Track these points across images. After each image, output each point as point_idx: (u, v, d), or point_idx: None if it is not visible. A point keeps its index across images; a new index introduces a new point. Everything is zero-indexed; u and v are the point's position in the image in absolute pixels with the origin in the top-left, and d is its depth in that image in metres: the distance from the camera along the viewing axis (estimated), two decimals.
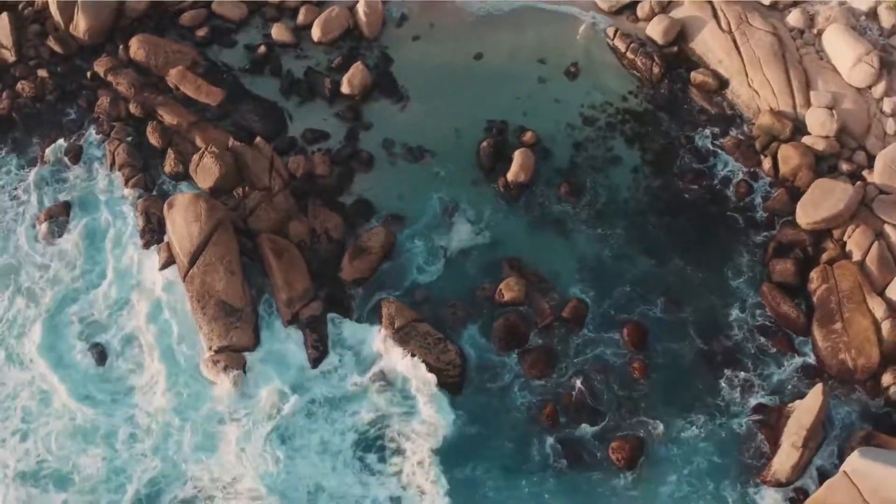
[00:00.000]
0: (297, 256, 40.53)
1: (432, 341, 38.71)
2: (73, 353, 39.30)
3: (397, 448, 37.13)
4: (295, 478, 36.55)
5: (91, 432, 37.71)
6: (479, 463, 36.85)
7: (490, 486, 36.54)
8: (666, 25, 46.13)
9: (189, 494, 36.43)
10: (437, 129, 44.36)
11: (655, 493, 36.35)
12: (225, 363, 38.08)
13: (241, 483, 36.36)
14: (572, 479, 36.69)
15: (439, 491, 36.11)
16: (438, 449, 37.01)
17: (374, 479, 36.60)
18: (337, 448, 37.12)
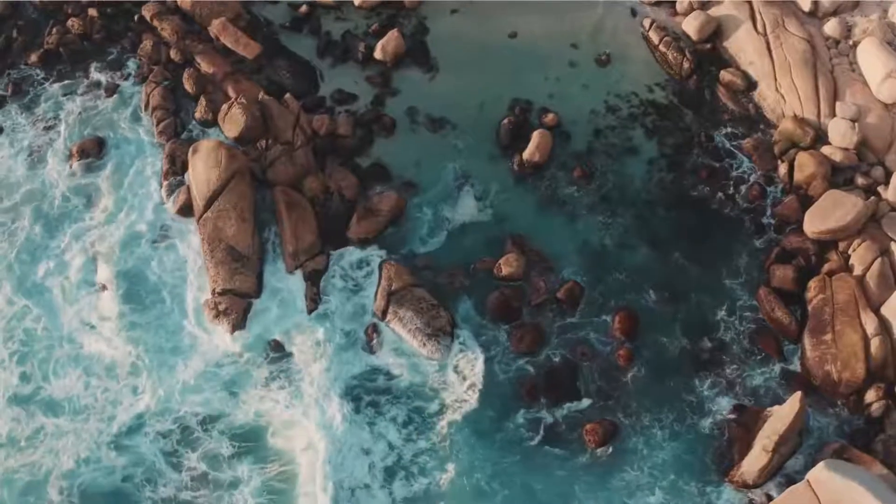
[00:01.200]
0: (309, 211, 41.56)
1: (426, 306, 39.44)
2: (83, 284, 40.72)
3: (377, 403, 37.96)
4: (278, 419, 37.83)
5: (92, 362, 39.16)
6: (454, 426, 37.43)
7: (461, 449, 36.96)
8: (702, 22, 45.86)
9: (167, 428, 37.62)
10: (461, 102, 44.82)
11: (619, 477, 36.59)
12: (226, 305, 39.37)
13: (222, 421, 37.60)
14: (542, 453, 37.17)
15: (409, 445, 37.20)
16: (417, 408, 37.90)
17: (352, 426, 37.48)
18: (325, 394, 38.03)
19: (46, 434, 37.76)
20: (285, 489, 36.51)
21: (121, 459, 37.28)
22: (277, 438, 37.48)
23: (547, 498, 36.25)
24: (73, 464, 36.95)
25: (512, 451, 37.14)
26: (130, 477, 36.94)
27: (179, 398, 38.14)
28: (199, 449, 37.23)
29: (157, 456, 37.04)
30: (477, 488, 36.48)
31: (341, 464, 36.78)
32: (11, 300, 40.65)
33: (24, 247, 41.90)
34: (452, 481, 36.47)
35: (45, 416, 38.13)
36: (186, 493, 36.52)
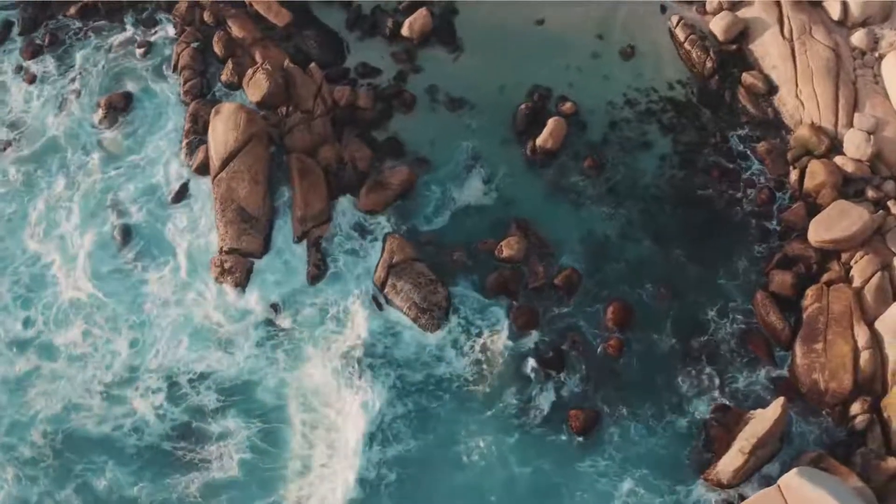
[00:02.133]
0: (321, 179, 42.03)
1: (424, 281, 39.87)
2: (96, 235, 41.60)
3: (369, 368, 38.62)
4: (271, 376, 38.63)
5: (96, 312, 40.10)
6: (439, 398, 38.05)
7: (442, 420, 37.67)
8: (729, 22, 45.32)
9: (159, 381, 38.52)
10: (482, 84, 44.86)
11: (593, 462, 36.84)
12: (231, 264, 40.21)
13: (215, 377, 38.54)
14: (522, 432, 37.53)
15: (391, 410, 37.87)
16: (406, 377, 38.53)
17: (342, 389, 38.34)
18: (319, 358, 38.82)
19: (40, 377, 38.75)
20: (271, 446, 37.23)
21: (110, 409, 38.07)
22: (268, 396, 38.18)
23: (520, 473, 36.64)
24: (61, 408, 37.89)
25: (492, 427, 37.61)
26: (119, 427, 37.71)
27: (176, 353, 38.92)
28: (190, 402, 38.10)
29: (147, 408, 37.79)
30: (452, 458, 37.09)
31: (327, 424, 37.56)
32: (24, 247, 41.59)
33: (42, 195, 42.76)
34: (429, 450, 37.07)
35: (41, 360, 39.13)
36: (171, 444, 37.24)
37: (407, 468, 37.06)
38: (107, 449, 37.31)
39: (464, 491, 36.61)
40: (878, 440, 36.89)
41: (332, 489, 36.35)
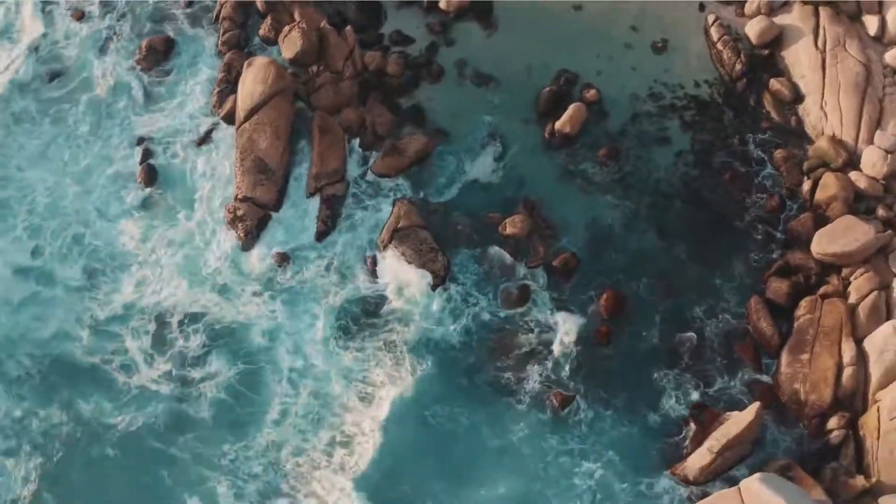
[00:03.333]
0: (340, 139, 42.70)
1: (426, 248, 40.34)
2: (119, 173, 42.75)
3: (362, 326, 39.36)
4: (265, 322, 39.41)
5: (105, 247, 41.23)
6: (427, 362, 38.46)
7: (425, 383, 38.15)
8: (764, 27, 44.54)
9: (154, 320, 39.54)
10: (511, 63, 44.90)
11: (563, 441, 37.16)
12: (243, 212, 41.00)
13: (210, 320, 39.44)
14: (498, 404, 38.02)
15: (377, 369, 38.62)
16: (396, 337, 39.02)
17: (332, 341, 39.17)
18: (315, 310, 39.60)
19: (39, 302, 39.94)
20: (250, 391, 38.13)
21: (101, 343, 39.18)
22: (262, 340, 39.00)
23: (488, 440, 37.20)
24: (50, 335, 39.14)
25: (468, 395, 38.21)
26: (108, 362, 38.83)
27: (174, 294, 39.90)
28: (179, 342, 39.01)
29: (136, 346, 38.87)
30: (423, 419, 37.67)
31: (315, 373, 38.44)
32: (45, 179, 42.73)
33: (71, 129, 43.89)
34: (406, 409, 37.66)
35: (41, 286, 40.31)
36: (154, 380, 38.31)
37: (385, 427, 37.45)
38: (93, 379, 38.40)
39: (429, 450, 37.14)
40: (850, 457, 36.55)
41: (304, 439, 37.30)
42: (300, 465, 36.82)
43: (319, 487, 36.44)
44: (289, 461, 36.88)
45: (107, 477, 36.42)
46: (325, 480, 36.57)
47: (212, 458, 36.99)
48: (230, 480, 36.31)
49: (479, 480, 36.69)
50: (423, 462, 37.22)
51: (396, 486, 36.62)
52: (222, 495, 36.05)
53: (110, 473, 36.45)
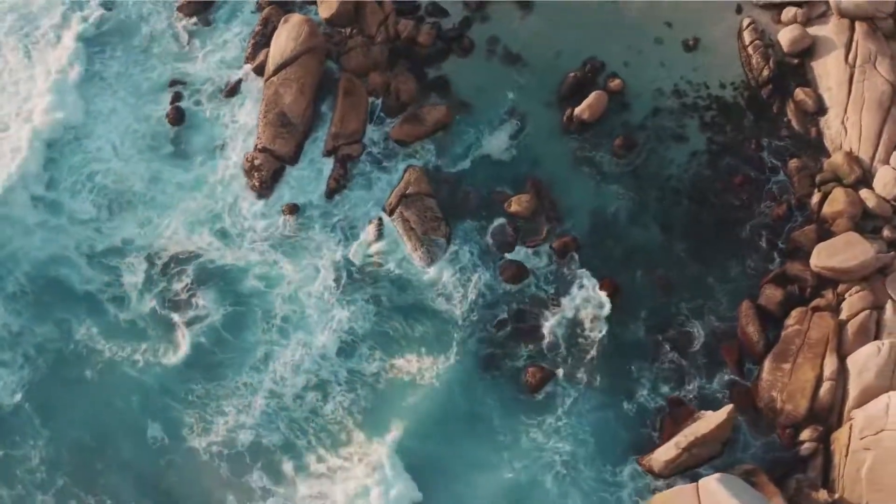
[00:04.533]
0: (363, 102, 43.08)
1: (430, 216, 40.69)
2: (144, 112, 43.65)
3: (359, 284, 39.97)
4: (260, 268, 40.30)
5: (115, 183, 42.13)
6: (416, 325, 39.18)
7: (412, 345, 38.84)
8: (797, 35, 43.52)
9: (152, 258, 40.50)
10: (541, 45, 44.60)
11: (537, 418, 37.58)
12: (260, 162, 41.77)
13: (202, 261, 40.47)
14: (479, 374, 38.49)
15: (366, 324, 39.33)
16: (388, 298, 39.75)
17: (328, 296, 39.78)
18: (315, 264, 40.34)
19: (46, 228, 40.90)
20: (234, 336, 39.12)
21: (97, 274, 40.33)
22: (258, 285, 39.89)
23: (460, 404, 37.81)
24: (47, 257, 40.35)
25: (450, 364, 38.52)
26: (102, 292, 39.93)
27: (178, 235, 40.83)
28: (175, 282, 39.91)
29: (131, 281, 40.00)
30: (404, 380, 38.32)
31: (307, 323, 39.17)
32: (74, 114, 43.49)
33: (105, 69, 44.73)
34: (388, 368, 38.43)
35: (49, 214, 41.25)
36: (145, 319, 39.37)
37: (363, 379, 38.36)
38: (87, 306, 39.55)
39: (404, 412, 37.68)
40: (817, 470, 36.26)
41: (281, 384, 38.19)
42: (269, 407, 37.74)
43: (284, 426, 37.51)
44: (260, 403, 37.76)
45: (82, 396, 37.83)
46: (294, 423, 37.57)
47: (182, 392, 38.09)
48: (197, 414, 37.38)
49: (445, 439, 37.29)
50: (390, 412, 37.82)
51: (362, 432, 37.58)
52: (185, 426, 37.19)
53: (86, 393, 37.86)
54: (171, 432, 37.14)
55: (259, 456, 37.26)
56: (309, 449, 37.19)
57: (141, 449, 37.21)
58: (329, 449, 37.05)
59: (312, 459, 36.96)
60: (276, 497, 36.52)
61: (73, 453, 36.98)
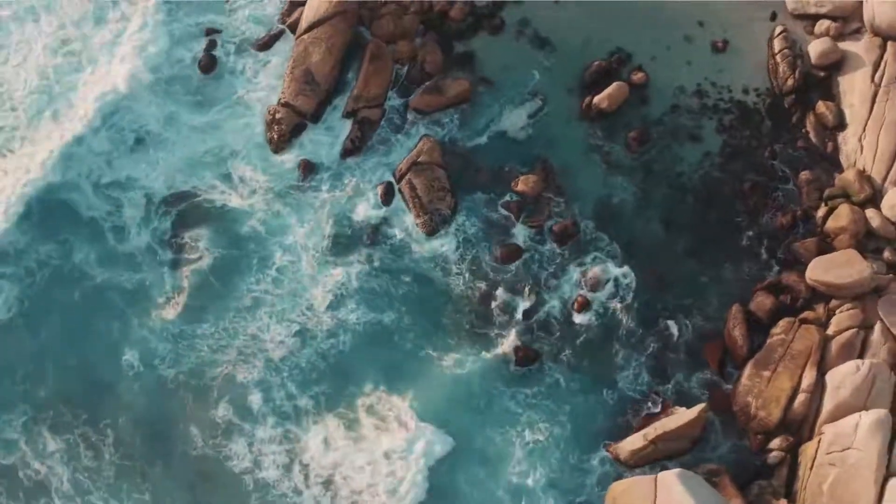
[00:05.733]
0: (388, 68, 43.29)
1: (438, 186, 40.92)
2: (181, 58, 44.31)
3: (358, 242, 40.50)
4: (261, 216, 40.91)
5: (134, 120, 42.87)
6: (408, 288, 39.62)
7: (403, 308, 39.25)
8: (827, 49, 42.62)
9: (147, 197, 41.29)
10: (571, 31, 44.27)
11: (517, 394, 37.84)
12: (281, 116, 42.24)
13: (203, 202, 41.27)
14: (466, 344, 38.80)
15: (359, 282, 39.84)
16: (384, 261, 40.16)
17: (327, 249, 40.42)
18: (314, 219, 40.88)
19: (61, 157, 42.01)
20: (232, 276, 40.00)
21: (100, 203, 41.25)
22: (260, 231, 40.58)
23: (442, 371, 38.19)
24: (61, 184, 41.33)
25: (439, 330, 39.08)
26: (104, 219, 40.93)
27: (184, 173, 41.63)
28: (173, 220, 40.76)
29: (132, 215, 40.89)
30: (387, 337, 38.82)
31: (301, 276, 39.78)
32: (111, 50, 44.47)
33: (135, 14, 45.32)
34: (377, 325, 38.90)
35: (61, 140, 42.33)
36: (141, 252, 40.28)
37: (345, 330, 38.91)
38: (88, 232, 40.63)
39: (380, 364, 38.33)
40: (782, 479, 36.02)
41: (263, 330, 38.87)
42: (248, 348, 38.56)
43: (261, 366, 38.35)
44: (238, 344, 38.64)
45: (70, 316, 39.21)
46: (270, 362, 38.40)
47: (161, 327, 38.99)
48: (170, 346, 38.36)
49: (421, 392, 37.83)
50: (366, 362, 38.36)
51: (333, 377, 38.24)
52: (158, 356, 38.23)
53: (74, 313, 39.21)
54: (145, 361, 38.19)
55: (228, 390, 38.05)
56: (281, 387, 37.98)
57: (116, 372, 38.37)
58: (300, 388, 37.82)
59: (282, 397, 37.75)
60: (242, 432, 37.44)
61: (56, 369, 38.25)
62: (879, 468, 33.95)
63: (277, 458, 36.72)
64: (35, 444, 37.01)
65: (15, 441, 37.04)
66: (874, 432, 34.27)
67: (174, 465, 36.78)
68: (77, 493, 36.21)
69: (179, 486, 36.62)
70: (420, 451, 36.84)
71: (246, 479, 36.60)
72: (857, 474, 34.13)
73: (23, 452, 36.84)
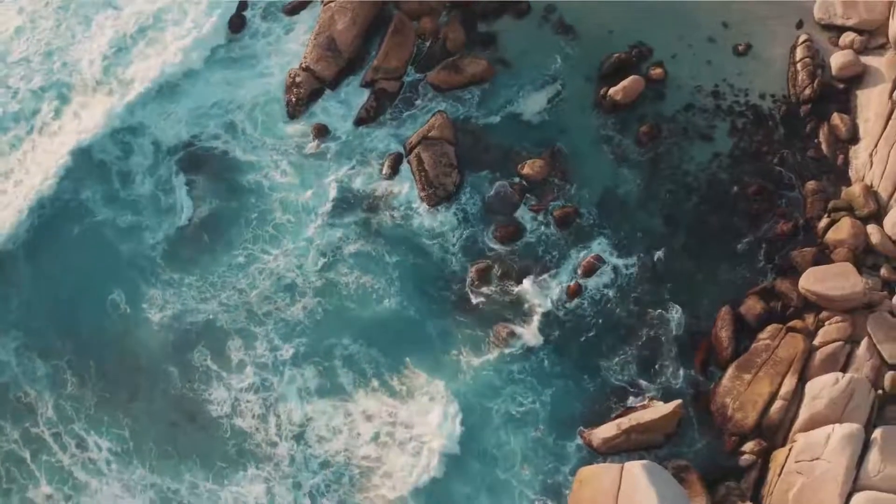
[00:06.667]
0: (410, 42, 43.59)
1: (445, 162, 41.04)
2: (217, 14, 44.90)
3: (358, 206, 40.92)
4: (265, 169, 41.57)
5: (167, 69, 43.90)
6: (402, 257, 39.88)
7: (396, 275, 39.50)
8: (849, 62, 41.84)
9: (152, 150, 42.11)
10: (596, 21, 44.12)
11: (501, 370, 37.84)
12: (301, 79, 42.72)
13: (205, 149, 42.18)
14: (453, 314, 38.97)
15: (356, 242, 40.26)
16: (381, 223, 40.50)
17: (323, 223, 40.74)
18: (318, 178, 41.45)
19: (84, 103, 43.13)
20: (228, 229, 40.58)
21: (112, 147, 42.17)
22: (262, 183, 41.13)
23: (433, 342, 38.34)
24: (93, 130, 42.16)
25: (431, 299, 39.20)
26: (113, 164, 41.74)
27: (188, 124, 42.39)
28: (176, 171, 41.48)
29: (139, 162, 41.71)
30: (383, 304, 39.12)
31: (298, 238, 40.25)
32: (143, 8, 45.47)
33: None
34: (368, 288, 39.18)
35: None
36: (143, 198, 40.99)
37: (334, 289, 39.32)
38: (99, 175, 41.50)
39: (363, 323, 38.64)
40: (750, 483, 35.71)
41: (252, 286, 39.38)
42: (230, 300, 39.11)
43: (243, 317, 38.86)
44: (223, 296, 39.21)
45: (67, 251, 40.19)
46: (253, 315, 38.86)
47: (150, 271, 39.68)
48: (158, 291, 39.04)
49: (402, 354, 38.08)
50: (350, 320, 38.73)
51: (316, 332, 38.62)
52: (145, 299, 38.89)
53: (70, 249, 40.19)
54: (131, 301, 38.85)
55: (210, 338, 38.58)
56: (264, 339, 38.50)
57: (103, 309, 39.02)
58: (282, 340, 38.32)
59: (264, 348, 38.25)
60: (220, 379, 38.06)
61: (49, 300, 39.14)
62: (846, 482, 33.59)
63: (254, 407, 37.18)
64: (25, 367, 37.98)
65: (8, 362, 38.08)
66: (844, 446, 33.88)
67: (154, 405, 37.46)
68: (60, 420, 37.00)
69: (158, 425, 37.20)
70: (397, 413, 37.08)
71: (224, 424, 37.09)
72: (823, 485, 33.79)
73: (14, 374, 37.83)
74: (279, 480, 36.19)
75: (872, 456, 34.03)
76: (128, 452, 36.76)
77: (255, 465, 36.36)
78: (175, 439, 36.90)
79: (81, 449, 36.72)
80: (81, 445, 36.74)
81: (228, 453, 36.64)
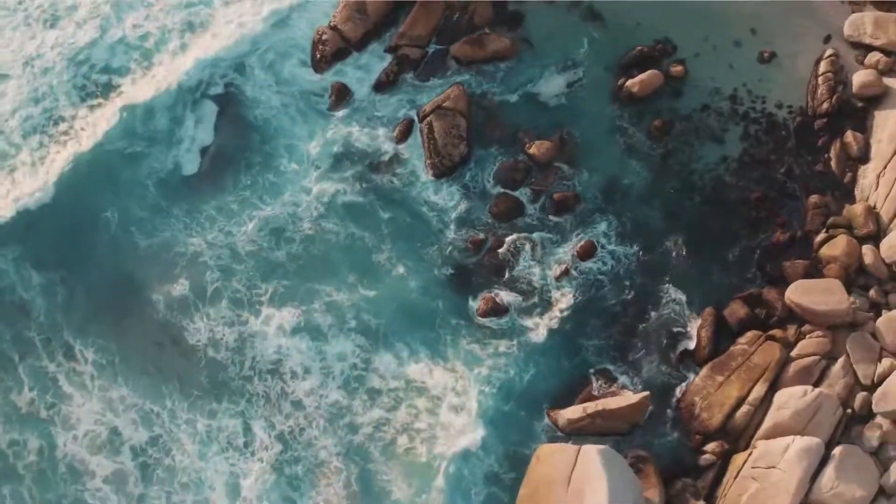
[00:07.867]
0: (437, 12, 43.40)
1: (455, 132, 40.94)
2: None
3: (362, 175, 41.01)
4: (278, 120, 42.11)
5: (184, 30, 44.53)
6: (393, 211, 40.28)
7: (389, 238, 39.80)
8: (871, 81, 40.79)
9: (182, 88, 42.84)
10: (625, 12, 43.63)
11: (486, 345, 37.93)
12: (328, 38, 42.95)
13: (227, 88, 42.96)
14: (441, 288, 39.01)
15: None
16: (388, 191, 40.70)
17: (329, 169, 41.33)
18: (324, 132, 41.80)
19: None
20: (227, 175, 41.22)
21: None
22: (271, 131, 41.80)
23: (415, 299, 38.67)
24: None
25: (420, 259, 39.44)
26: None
27: (220, 66, 43.04)
28: (189, 106, 42.33)
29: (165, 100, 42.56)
30: (369, 258, 39.53)
31: (298, 186, 40.74)
32: None
33: None
34: (358, 239, 39.65)
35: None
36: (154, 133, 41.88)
37: (323, 238, 39.71)
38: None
39: (349, 275, 39.06)
40: (707, 482, 35.51)
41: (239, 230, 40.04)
42: (216, 240, 39.70)
43: (227, 256, 39.56)
44: (210, 237, 39.87)
45: (69, 170, 40.72)
46: (237, 254, 39.46)
47: (144, 197, 40.52)
48: (146, 214, 39.94)
49: (382, 305, 38.48)
50: (335, 270, 39.21)
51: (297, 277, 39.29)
52: (134, 222, 39.79)
53: (74, 169, 40.77)
54: (122, 223, 39.72)
55: (192, 270, 39.22)
56: (243, 275, 39.21)
57: (95, 226, 39.93)
58: (261, 281, 38.96)
59: (241, 287, 38.91)
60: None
61: (44, 215, 40.08)
62: (797, 493, 33.23)
63: (229, 340, 37.84)
64: (21, 276, 39.08)
65: (6, 271, 39.20)
66: (801, 458, 33.45)
67: (139, 324, 38.30)
68: (50, 326, 38.13)
69: (143, 343, 38.10)
70: (371, 359, 37.60)
71: (199, 353, 37.91)
72: (775, 494, 33.46)
73: (12, 280, 38.98)
74: (253, 420, 36.79)
75: (828, 472, 33.65)
76: (112, 365, 37.71)
77: (229, 398, 37.03)
78: (158, 360, 37.77)
79: (68, 358, 37.77)
80: (69, 354, 37.82)
81: (203, 383, 37.38)
